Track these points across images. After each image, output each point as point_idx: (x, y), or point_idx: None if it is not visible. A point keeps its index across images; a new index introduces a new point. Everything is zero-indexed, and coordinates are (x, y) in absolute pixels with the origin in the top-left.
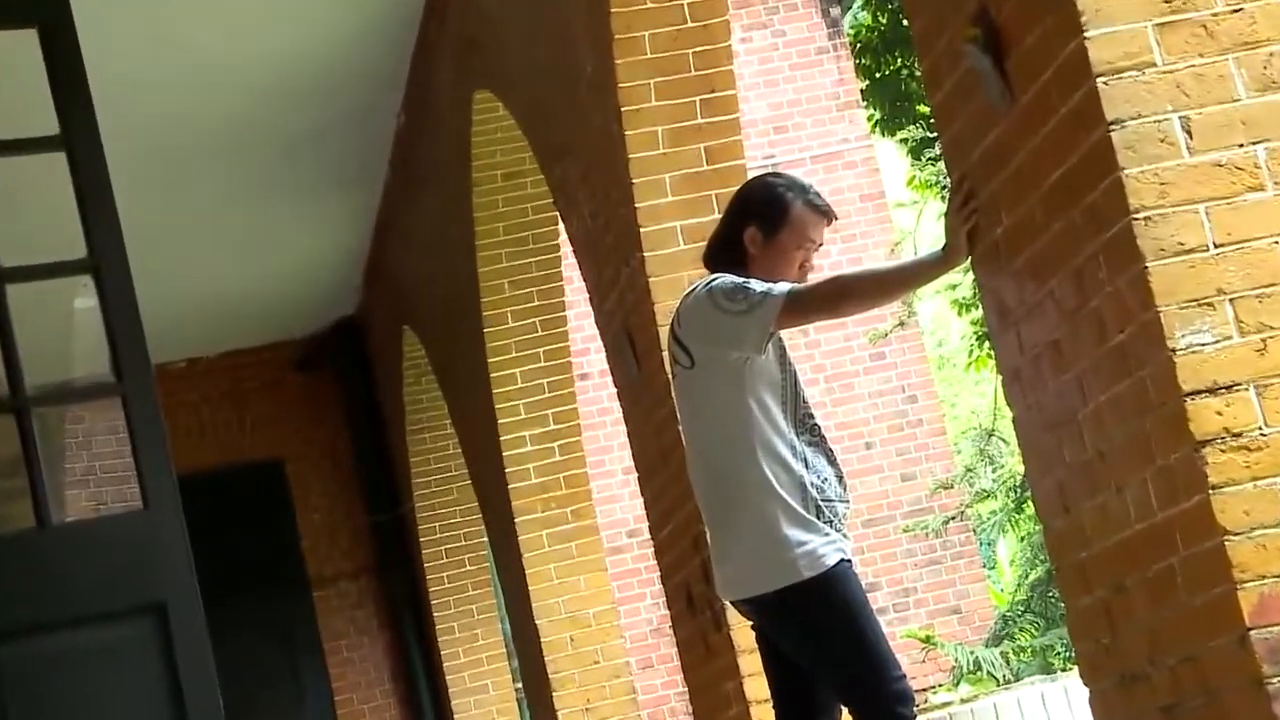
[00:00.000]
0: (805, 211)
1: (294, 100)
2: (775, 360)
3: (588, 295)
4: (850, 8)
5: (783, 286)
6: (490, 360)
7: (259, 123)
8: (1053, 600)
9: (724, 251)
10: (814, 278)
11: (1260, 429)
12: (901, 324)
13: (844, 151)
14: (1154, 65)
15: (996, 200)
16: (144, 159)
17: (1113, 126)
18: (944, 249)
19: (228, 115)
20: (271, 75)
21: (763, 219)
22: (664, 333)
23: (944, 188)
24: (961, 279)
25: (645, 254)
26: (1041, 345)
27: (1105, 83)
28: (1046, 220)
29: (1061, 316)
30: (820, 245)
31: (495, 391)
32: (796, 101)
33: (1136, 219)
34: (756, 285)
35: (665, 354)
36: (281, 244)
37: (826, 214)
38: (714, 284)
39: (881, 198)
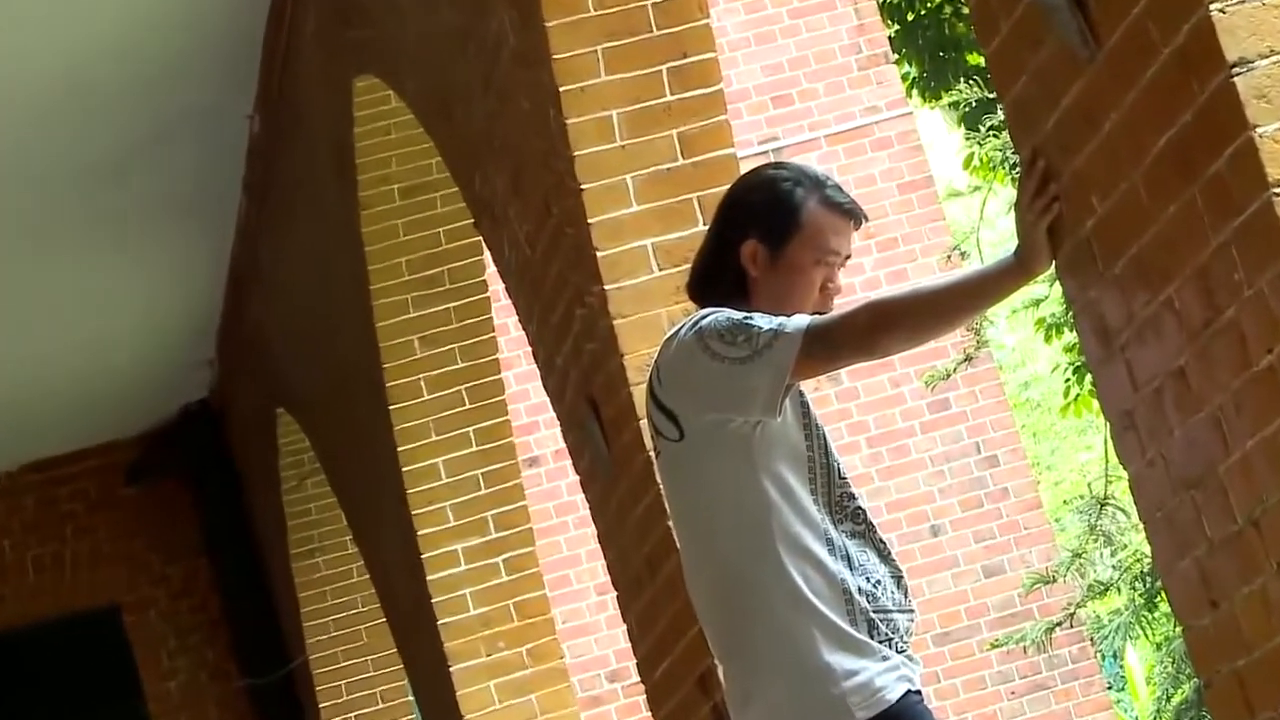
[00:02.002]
0: (823, 212)
1: (101, 110)
2: (796, 422)
3: (530, 350)
4: None
5: (799, 320)
6: (400, 449)
7: (54, 143)
8: None
9: (715, 277)
10: (841, 304)
11: None
12: (969, 359)
13: (872, 126)
14: None
15: (1084, 182)
16: None
17: (1236, 70)
18: (1017, 253)
19: (9, 136)
20: (67, 78)
21: (765, 227)
22: (640, 394)
23: (1013, 167)
24: (1047, 291)
25: (606, 287)
26: (1161, 376)
27: (1222, 10)
28: (1154, 204)
29: (1186, 335)
30: (848, 259)
31: (410, 492)
32: (802, 61)
33: (1278, 194)
34: (762, 320)
35: (643, 424)
36: (98, 307)
37: (853, 214)
38: (704, 322)
39: (929, 186)
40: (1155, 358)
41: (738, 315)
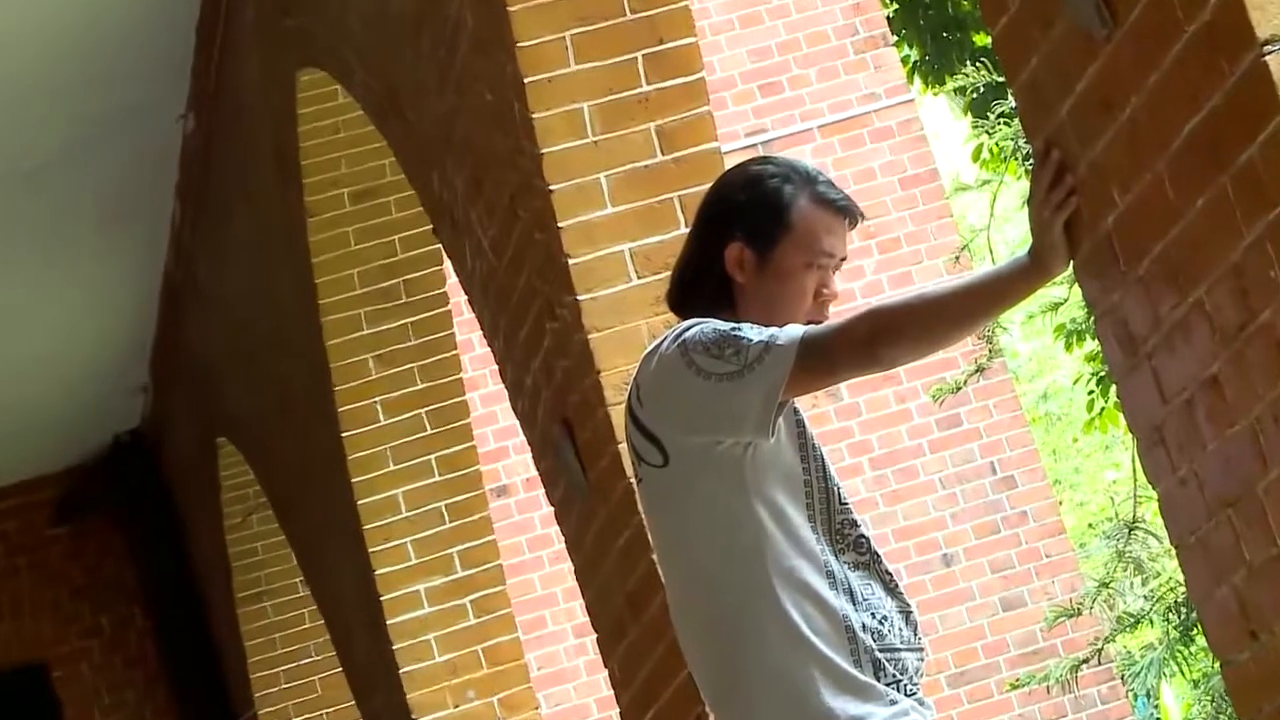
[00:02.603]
0: (814, 210)
1: (18, 109)
2: (791, 444)
3: (496, 368)
4: None
5: (792, 330)
6: (355, 480)
7: None
8: None
9: (697, 284)
10: (839, 312)
11: None
12: (981, 369)
13: (871, 115)
14: None
15: (1103, 174)
16: None
17: (1268, 48)
18: (1031, 252)
19: None
20: None
21: (751, 229)
22: (619, 415)
23: (1025, 158)
24: (1066, 294)
25: (580, 297)
26: (1192, 386)
27: None
28: (1181, 197)
29: (1218, 340)
30: (843, 261)
31: (367, 527)
32: (792, 45)
33: None
34: (752, 332)
35: (623, 448)
36: (17, 327)
37: (847, 212)
38: (687, 335)
39: (934, 180)
40: (1185, 366)
41: (725, 326)
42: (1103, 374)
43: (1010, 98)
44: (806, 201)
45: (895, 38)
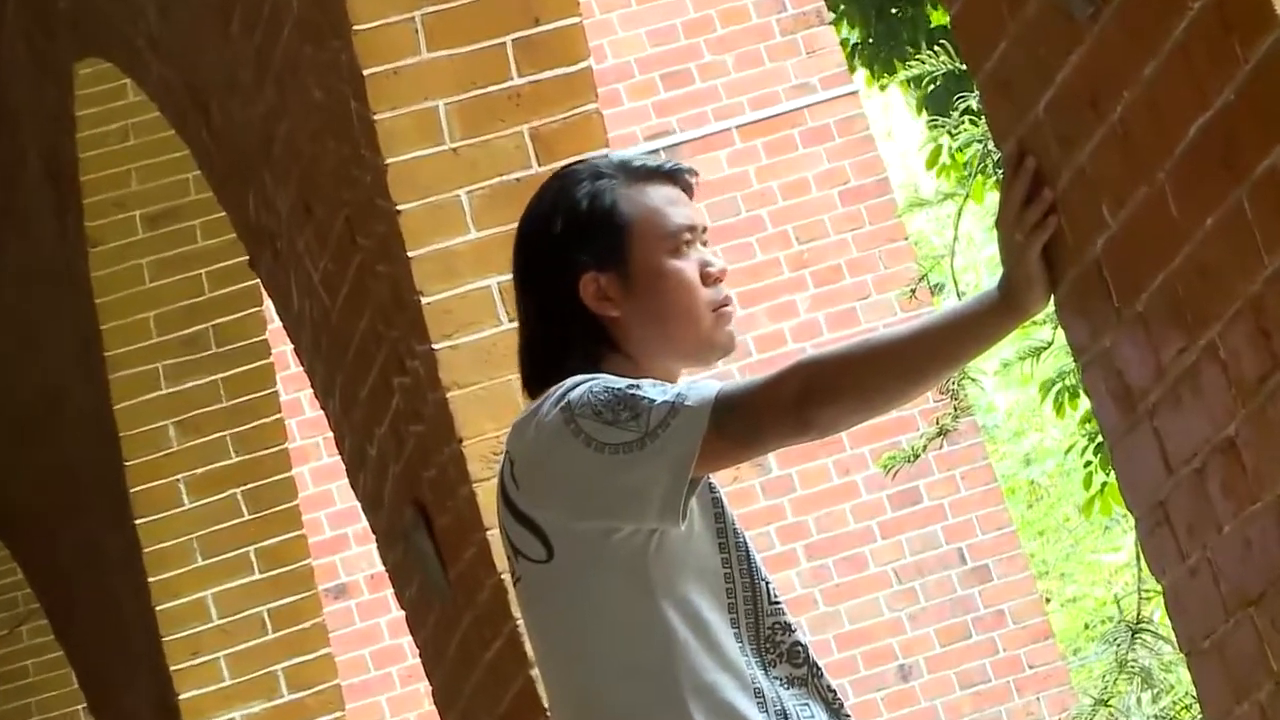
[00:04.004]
0: (642, 191)
1: None
2: (707, 530)
3: (331, 436)
4: None
5: (703, 388)
6: (152, 579)
7: None
8: None
9: (562, 351)
10: (766, 360)
11: None
12: (944, 432)
13: (803, 112)
14: None
15: (1090, 185)
16: None
17: None
18: (1002, 285)
19: None
20: None
21: (593, 252)
22: (487, 494)
23: (995, 166)
24: (1051, 337)
25: (436, 346)
26: (1204, 451)
27: None
28: (1187, 215)
29: (1236, 393)
30: (705, 230)
31: (167, 639)
32: (704, 24)
33: None
34: (654, 390)
35: (494, 535)
36: None
37: (674, 174)
38: (572, 396)
39: (884, 193)
40: (1195, 426)
41: (619, 384)
42: (1097, 437)
43: (977, 93)
44: (628, 188)
45: (832, 15)
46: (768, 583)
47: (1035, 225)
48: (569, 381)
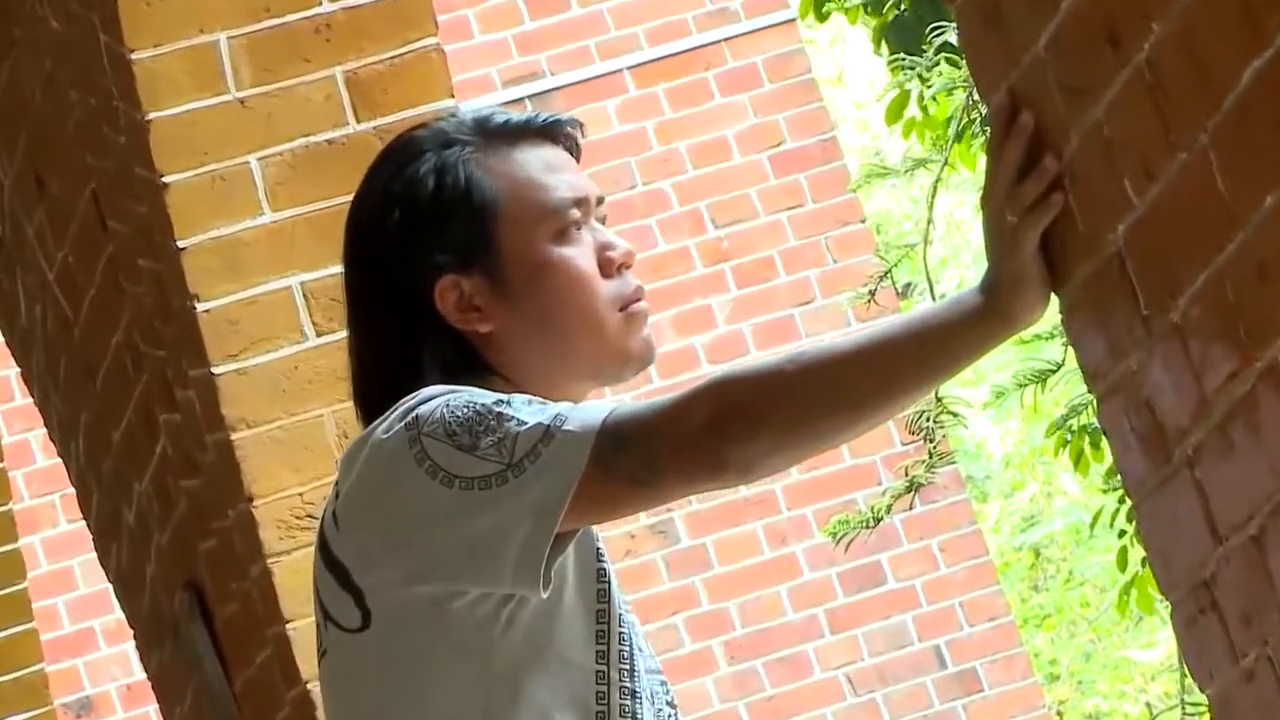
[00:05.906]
0: (510, 157)
1: None
2: (581, 611)
3: (75, 495)
4: None
5: (589, 410)
6: None
7: None
8: None
9: (413, 375)
10: (680, 381)
11: None
12: (916, 487)
13: (720, 47)
14: None
15: (1108, 151)
16: None
17: None
18: (985, 284)
19: None
20: None
21: (451, 247)
22: (289, 571)
23: (984, 122)
24: (1062, 357)
25: (216, 370)
26: (1263, 511)
27: None
28: (1239, 190)
29: None
30: (601, 203)
31: None
32: None
33: None
34: (526, 410)
35: (299, 624)
36: None
37: (551, 131)
38: (421, 410)
39: (834, 158)
40: (1251, 478)
41: (486, 398)
42: (1120, 492)
43: (955, 33)
44: (489, 156)
45: None
46: (665, 689)
47: (1033, 204)
48: (424, 392)
